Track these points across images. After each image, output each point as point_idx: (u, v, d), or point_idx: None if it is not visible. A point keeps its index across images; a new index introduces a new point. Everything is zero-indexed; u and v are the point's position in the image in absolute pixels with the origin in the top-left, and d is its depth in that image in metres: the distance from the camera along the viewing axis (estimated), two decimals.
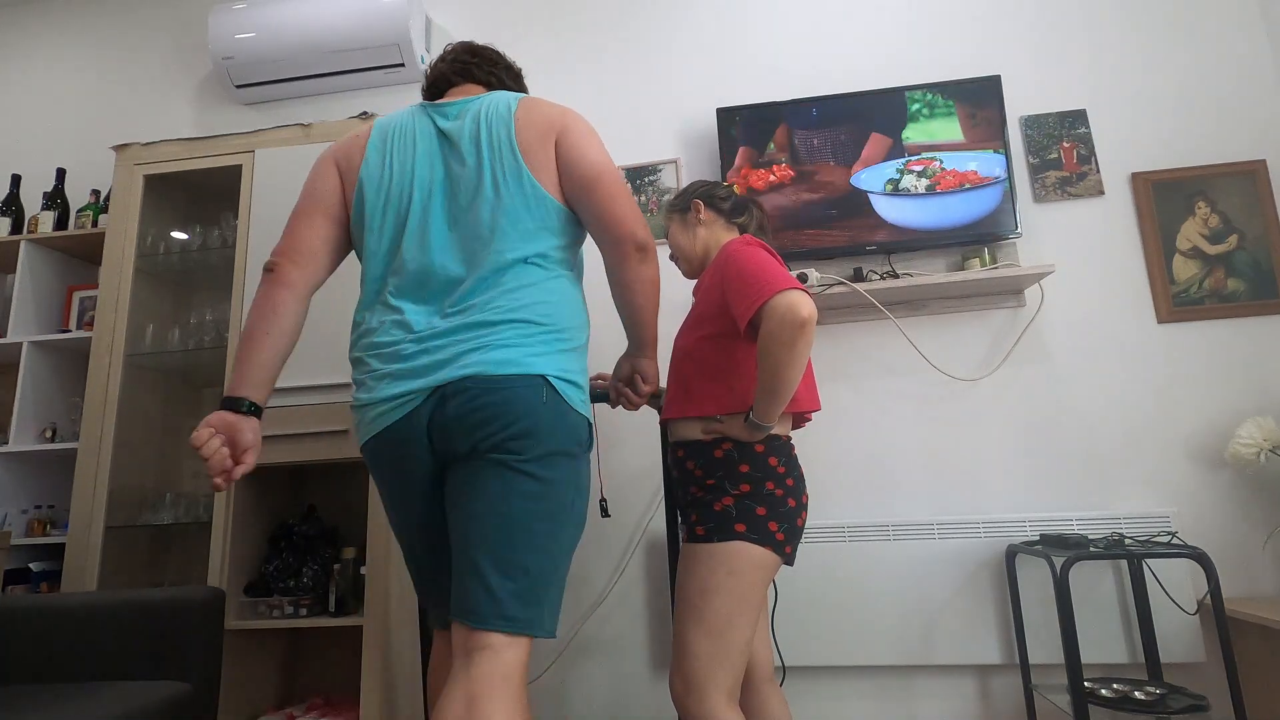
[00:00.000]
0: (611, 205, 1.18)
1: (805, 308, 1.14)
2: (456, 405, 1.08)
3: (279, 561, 2.01)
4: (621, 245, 1.19)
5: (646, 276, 1.22)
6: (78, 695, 1.37)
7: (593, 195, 1.19)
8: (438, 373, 1.09)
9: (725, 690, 1.20)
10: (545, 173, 1.19)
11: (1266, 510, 1.93)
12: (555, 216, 1.19)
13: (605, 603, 2.12)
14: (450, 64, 1.37)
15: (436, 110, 1.27)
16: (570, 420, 1.12)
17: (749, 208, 1.52)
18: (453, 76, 1.36)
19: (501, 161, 1.18)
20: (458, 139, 1.22)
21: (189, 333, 2.21)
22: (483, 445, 1.07)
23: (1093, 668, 1.87)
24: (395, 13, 2.36)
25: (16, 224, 2.47)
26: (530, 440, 1.07)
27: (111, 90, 2.76)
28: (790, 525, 1.26)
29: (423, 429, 1.10)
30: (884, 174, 2.12)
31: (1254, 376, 2.00)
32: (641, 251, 1.20)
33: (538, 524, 1.07)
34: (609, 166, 1.21)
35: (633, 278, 1.21)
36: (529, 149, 1.19)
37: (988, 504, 2.04)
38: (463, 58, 1.37)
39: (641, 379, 1.35)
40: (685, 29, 2.45)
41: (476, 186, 1.18)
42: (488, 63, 1.38)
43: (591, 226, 1.22)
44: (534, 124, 1.21)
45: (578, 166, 1.19)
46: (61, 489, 2.38)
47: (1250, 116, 2.13)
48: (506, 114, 1.22)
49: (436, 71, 1.37)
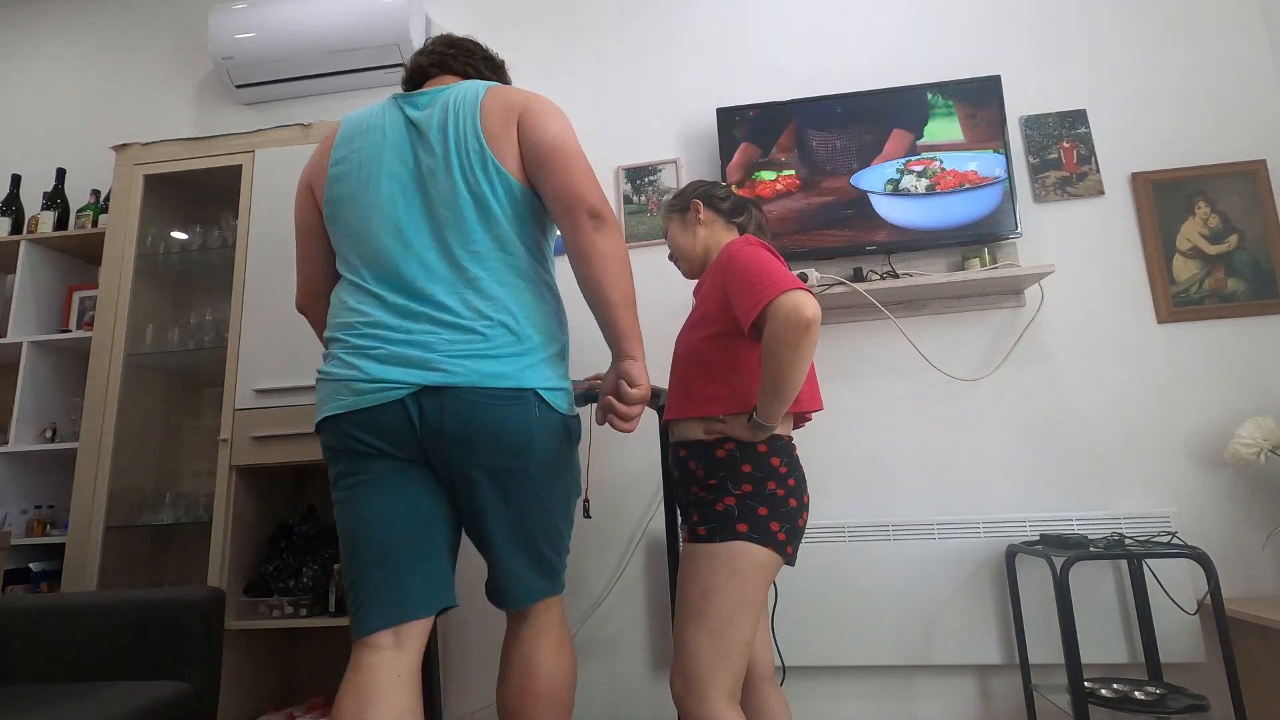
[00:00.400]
0: (565, 175, 1.17)
1: (810, 308, 1.14)
2: (452, 415, 1.10)
3: (279, 561, 2.01)
4: (574, 211, 1.15)
5: (604, 248, 1.15)
6: (78, 695, 1.37)
7: (548, 168, 1.18)
8: (426, 370, 1.10)
9: (726, 690, 1.20)
10: (510, 158, 1.20)
11: (1266, 510, 1.93)
12: (523, 202, 1.20)
13: (605, 603, 2.12)
14: (427, 56, 1.37)
15: (407, 101, 1.27)
16: (559, 425, 1.20)
17: (748, 207, 1.53)
18: (429, 69, 1.36)
19: (468, 149, 1.19)
20: (426, 128, 1.22)
21: (189, 333, 2.21)
22: (484, 461, 1.13)
23: (1093, 668, 1.87)
24: (395, 13, 2.36)
25: (16, 224, 2.47)
26: (529, 454, 1.15)
27: (111, 90, 2.76)
28: (792, 525, 1.26)
29: (414, 425, 1.11)
30: (884, 174, 2.12)
31: (1254, 376, 2.00)
32: (596, 219, 1.15)
33: (547, 516, 1.21)
34: (568, 140, 1.20)
35: (588, 248, 1.15)
36: (494, 136, 1.20)
37: (988, 504, 2.04)
38: (439, 49, 1.37)
39: (627, 383, 1.17)
40: (685, 29, 2.45)
41: (446, 176, 1.18)
42: (464, 54, 1.38)
43: (549, 203, 1.20)
44: (498, 109, 1.21)
45: (536, 143, 1.19)
46: (61, 489, 2.38)
47: (1250, 116, 2.13)
48: (474, 102, 1.22)
49: (414, 64, 1.38)
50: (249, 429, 1.97)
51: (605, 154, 2.40)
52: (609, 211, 1.17)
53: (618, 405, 1.18)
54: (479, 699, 2.11)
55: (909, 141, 2.13)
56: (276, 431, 1.95)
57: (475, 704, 2.11)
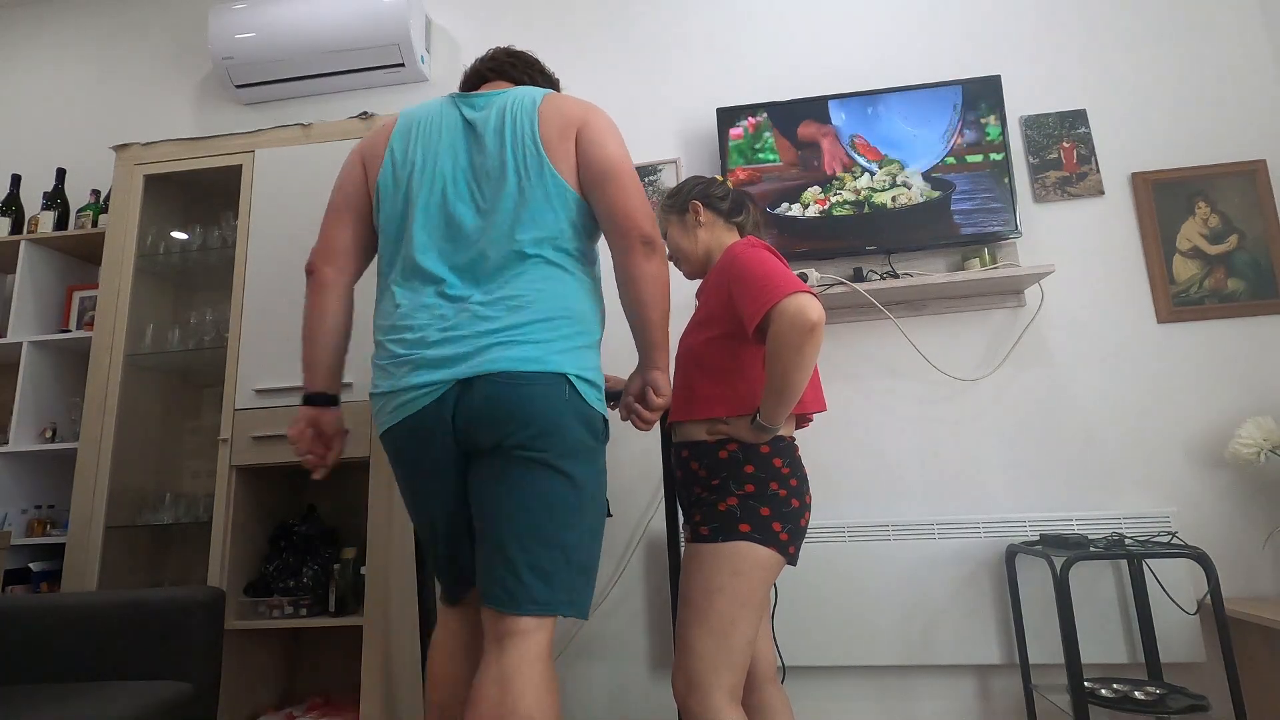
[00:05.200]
0: (623, 198, 1.20)
1: (814, 311, 1.14)
2: (482, 399, 1.12)
3: (279, 561, 2.01)
4: (628, 237, 1.20)
5: (651, 273, 1.21)
6: (78, 695, 1.37)
7: (606, 189, 1.21)
8: (462, 364, 1.12)
9: (727, 690, 1.20)
10: (565, 166, 1.22)
11: (1266, 510, 1.93)
12: (575, 209, 1.22)
13: (605, 603, 2.12)
14: (487, 62, 1.41)
15: (464, 101, 1.30)
16: (589, 416, 1.17)
17: (745, 205, 1.52)
18: (487, 73, 1.40)
19: (524, 154, 1.21)
20: (483, 130, 1.25)
21: (189, 333, 2.21)
22: (508, 442, 1.12)
23: (1093, 668, 1.87)
24: (395, 13, 2.36)
25: (16, 224, 2.47)
26: (554, 438, 1.12)
27: (111, 90, 2.76)
28: (794, 525, 1.26)
29: (448, 418, 1.14)
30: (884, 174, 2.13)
31: (1254, 376, 2.00)
32: (648, 245, 1.20)
33: (562, 514, 1.13)
34: (626, 163, 1.23)
35: (638, 273, 1.20)
36: (550, 143, 1.22)
37: (988, 504, 2.04)
38: (500, 57, 1.41)
39: (654, 392, 1.28)
40: (685, 29, 2.45)
41: (500, 177, 1.20)
42: (524, 64, 1.42)
43: (602, 220, 1.23)
44: (557, 118, 1.24)
45: (595, 160, 1.22)
46: (61, 489, 2.38)
47: (1250, 116, 2.13)
48: (531, 108, 1.25)
49: (473, 69, 1.41)
50: (249, 429, 1.97)
51: None
52: (659, 238, 1.22)
53: (642, 411, 1.29)
54: None
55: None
56: (276, 431, 1.94)
57: None
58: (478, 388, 1.11)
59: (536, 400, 1.11)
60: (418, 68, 2.46)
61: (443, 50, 2.59)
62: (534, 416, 1.11)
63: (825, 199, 2.14)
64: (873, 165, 2.13)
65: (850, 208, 2.13)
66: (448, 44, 2.59)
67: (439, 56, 2.59)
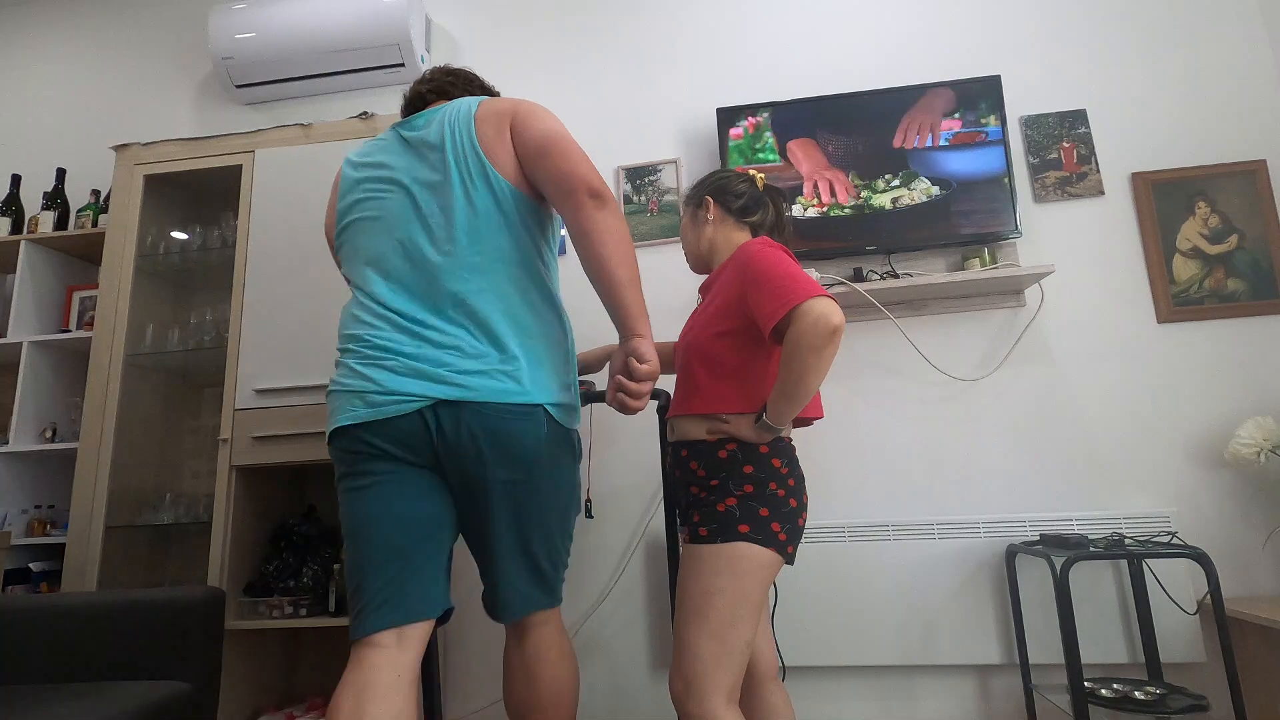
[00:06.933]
0: (564, 161, 1.19)
1: (837, 316, 1.14)
2: (469, 429, 1.13)
3: (279, 561, 2.01)
4: (575, 194, 1.16)
5: (607, 225, 1.15)
6: (78, 695, 1.37)
7: (546, 159, 1.20)
8: (441, 385, 1.13)
9: (725, 691, 1.20)
10: (507, 164, 1.23)
11: (1266, 510, 1.93)
12: (525, 209, 1.23)
13: (605, 603, 2.12)
14: (427, 84, 1.41)
15: (404, 126, 1.32)
16: (567, 440, 1.25)
17: (764, 204, 1.49)
18: (427, 95, 1.40)
19: (468, 164, 1.22)
20: (426, 148, 1.26)
21: (189, 333, 2.21)
22: (499, 474, 1.16)
23: (1093, 668, 1.87)
24: (395, 13, 2.36)
25: (16, 224, 2.47)
26: (537, 467, 1.19)
27: (111, 90, 2.76)
28: (792, 525, 1.26)
29: (428, 437, 1.14)
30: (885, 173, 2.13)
31: (1254, 376, 2.00)
32: (597, 198, 1.16)
33: (550, 528, 1.24)
34: (561, 133, 1.22)
35: (591, 226, 1.15)
36: (490, 144, 1.23)
37: (988, 504, 2.04)
38: (439, 77, 1.42)
39: (636, 359, 1.14)
40: (685, 29, 2.45)
41: (448, 192, 1.21)
42: (464, 81, 1.43)
43: (548, 190, 1.22)
44: (492, 118, 1.25)
45: (530, 139, 1.22)
46: (61, 489, 2.38)
47: (1250, 116, 2.13)
48: (468, 115, 1.26)
49: (413, 92, 1.42)
50: (249, 429, 1.97)
51: (605, 154, 2.40)
52: (609, 192, 1.18)
53: (628, 384, 1.16)
54: (478, 700, 2.11)
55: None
56: (276, 431, 1.95)
57: (475, 705, 2.11)
58: (464, 415, 1.13)
59: (522, 436, 1.15)
60: (418, 68, 2.46)
61: (443, 50, 2.59)
62: (521, 453, 1.16)
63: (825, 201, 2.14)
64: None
65: (850, 209, 2.13)
66: (448, 44, 2.59)
67: (439, 56, 2.59)
